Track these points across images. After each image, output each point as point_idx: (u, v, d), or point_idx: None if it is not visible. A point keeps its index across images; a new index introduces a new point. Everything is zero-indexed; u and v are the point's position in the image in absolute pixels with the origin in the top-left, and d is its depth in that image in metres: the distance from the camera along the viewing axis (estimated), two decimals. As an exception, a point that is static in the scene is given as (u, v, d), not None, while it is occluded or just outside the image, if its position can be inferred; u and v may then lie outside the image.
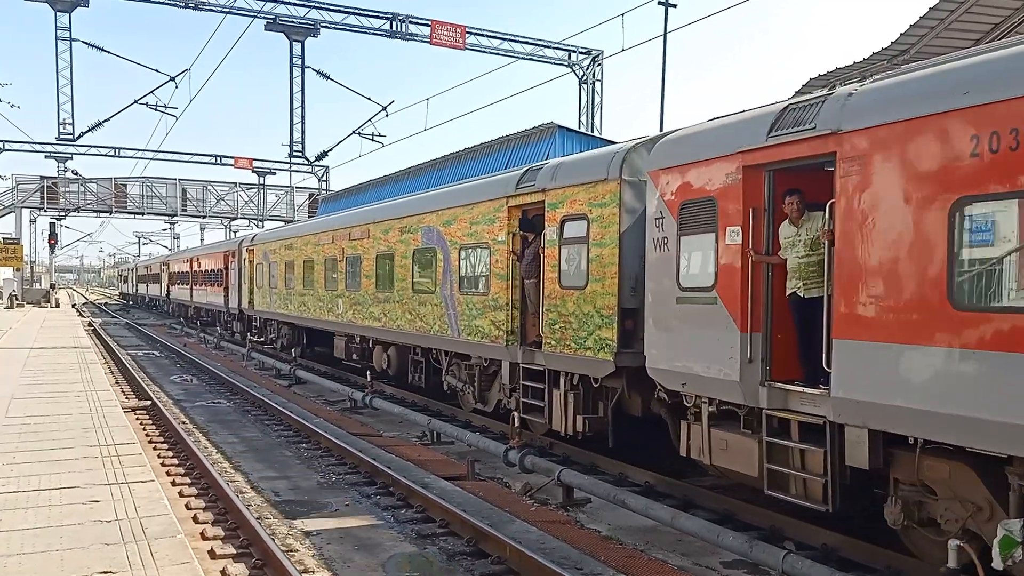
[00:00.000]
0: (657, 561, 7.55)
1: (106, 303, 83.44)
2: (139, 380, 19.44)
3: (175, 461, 11.36)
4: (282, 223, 40.90)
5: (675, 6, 24.04)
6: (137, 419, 14.50)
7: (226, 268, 32.29)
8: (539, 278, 11.19)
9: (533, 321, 11.67)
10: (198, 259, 40.15)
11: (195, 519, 8.54)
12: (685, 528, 7.74)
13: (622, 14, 22.71)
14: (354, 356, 19.26)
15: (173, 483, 10.12)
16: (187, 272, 43.04)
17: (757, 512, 8.56)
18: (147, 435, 13.20)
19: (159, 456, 11.65)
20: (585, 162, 10.60)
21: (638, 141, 9.81)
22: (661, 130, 13.49)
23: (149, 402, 15.86)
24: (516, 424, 10.94)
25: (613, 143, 12.06)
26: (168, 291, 51.55)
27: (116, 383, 19.26)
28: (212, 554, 7.45)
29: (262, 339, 28.10)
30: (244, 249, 29.25)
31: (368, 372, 17.13)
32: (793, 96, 8.56)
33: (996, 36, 17.60)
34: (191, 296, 42.01)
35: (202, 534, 8.01)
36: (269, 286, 25.61)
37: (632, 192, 9.56)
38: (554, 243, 10.71)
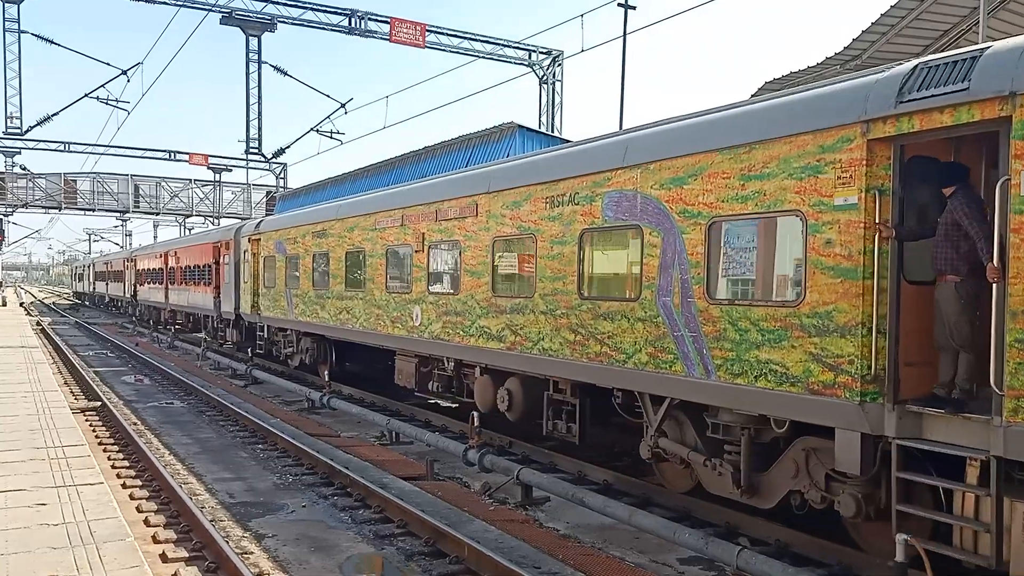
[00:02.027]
0: (615, 559, 7.61)
1: (55, 302, 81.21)
2: (89, 381, 19.01)
3: (126, 463, 11.13)
4: (239, 220, 39.88)
5: (634, 8, 24.23)
6: (86, 420, 14.19)
7: (217, 263, 26.72)
8: (976, 275, 6.08)
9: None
10: (176, 253, 33.59)
11: (146, 522, 8.38)
12: (642, 525, 7.81)
13: (581, 15, 22.79)
14: (436, 387, 13.84)
15: (123, 485, 9.93)
16: (161, 269, 36.57)
17: (713, 509, 8.67)
18: (97, 437, 12.92)
19: (109, 458, 11.40)
20: None
21: None
22: (621, 127, 10.51)
23: (99, 403, 15.51)
24: (475, 423, 10.91)
25: (569, 142, 11.38)
26: (135, 291, 44.77)
27: (65, 383, 18.81)
28: (164, 557, 7.32)
29: (267, 352, 22.63)
30: (245, 239, 23.39)
31: (326, 372, 16.90)
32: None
33: (946, 42, 18.09)
34: (166, 297, 35.81)
35: (154, 537, 7.86)
36: (286, 285, 19.99)
37: None
38: None
